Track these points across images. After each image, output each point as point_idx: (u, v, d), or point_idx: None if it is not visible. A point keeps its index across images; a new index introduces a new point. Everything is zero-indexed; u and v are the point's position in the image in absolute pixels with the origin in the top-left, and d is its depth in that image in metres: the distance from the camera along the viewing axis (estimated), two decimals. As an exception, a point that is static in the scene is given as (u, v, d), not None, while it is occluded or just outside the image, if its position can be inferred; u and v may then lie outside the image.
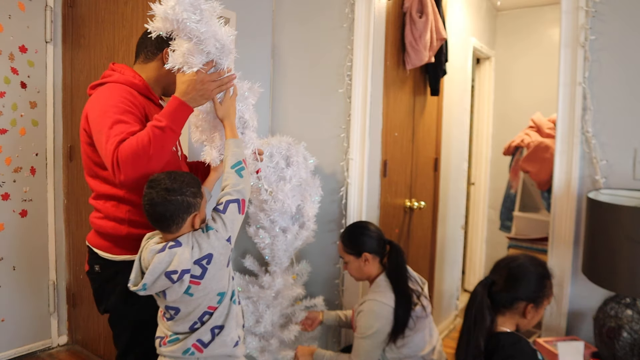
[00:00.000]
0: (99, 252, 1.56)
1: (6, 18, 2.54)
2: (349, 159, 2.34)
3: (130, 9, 2.31)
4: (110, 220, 1.52)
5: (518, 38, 4.04)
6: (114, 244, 1.53)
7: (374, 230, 1.95)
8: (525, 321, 1.46)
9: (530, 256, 1.51)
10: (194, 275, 1.31)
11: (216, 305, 1.40)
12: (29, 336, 2.75)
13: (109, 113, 1.38)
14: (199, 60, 1.38)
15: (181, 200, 1.30)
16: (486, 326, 1.43)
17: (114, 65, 1.61)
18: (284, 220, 2.05)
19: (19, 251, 2.68)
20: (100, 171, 1.52)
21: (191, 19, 1.32)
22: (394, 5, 2.51)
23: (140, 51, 1.62)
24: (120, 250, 1.53)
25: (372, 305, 1.83)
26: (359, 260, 1.92)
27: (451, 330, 3.44)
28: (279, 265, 2.12)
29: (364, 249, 1.91)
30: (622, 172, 1.78)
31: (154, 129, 1.34)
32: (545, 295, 1.46)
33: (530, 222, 3.42)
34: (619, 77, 1.78)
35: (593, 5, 1.81)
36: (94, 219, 1.58)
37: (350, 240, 1.94)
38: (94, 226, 1.58)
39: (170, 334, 1.41)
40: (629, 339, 1.56)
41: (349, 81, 2.34)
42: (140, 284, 1.29)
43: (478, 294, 1.46)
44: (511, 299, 1.45)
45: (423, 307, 1.86)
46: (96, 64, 2.56)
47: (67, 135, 2.80)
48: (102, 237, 1.56)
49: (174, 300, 1.35)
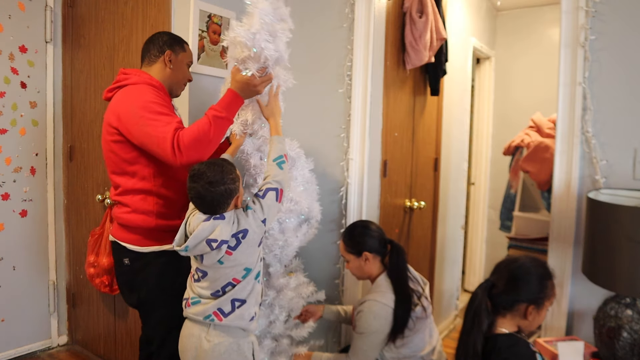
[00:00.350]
0: (128, 245, 1.65)
1: (6, 18, 2.54)
2: (349, 159, 2.34)
3: (130, 9, 2.31)
4: (139, 214, 1.62)
5: (518, 38, 4.03)
6: (143, 236, 1.64)
7: (375, 230, 1.95)
8: (527, 323, 1.44)
9: (531, 257, 1.50)
10: (229, 246, 1.45)
11: (240, 279, 1.51)
12: (29, 336, 2.75)
13: (149, 107, 1.52)
14: (256, 67, 1.55)
15: (224, 189, 1.43)
16: (483, 329, 1.42)
17: (126, 70, 1.69)
18: (291, 221, 2.05)
19: (19, 251, 2.68)
20: (128, 167, 1.62)
21: (268, 48, 1.50)
22: (394, 5, 2.51)
23: (145, 55, 1.72)
24: (149, 241, 1.64)
25: (372, 306, 1.83)
26: (360, 259, 1.92)
27: (451, 330, 3.44)
28: (282, 265, 2.12)
29: (365, 248, 1.91)
30: (622, 172, 1.78)
31: (214, 117, 1.51)
32: (546, 296, 1.44)
33: (530, 222, 3.42)
34: (619, 77, 1.78)
35: (593, 5, 1.80)
36: (122, 214, 1.66)
37: (350, 239, 1.94)
38: (122, 221, 1.66)
39: (193, 296, 1.53)
40: (629, 339, 1.56)
41: (349, 81, 2.34)
42: (184, 246, 1.44)
43: (477, 297, 1.45)
44: (511, 300, 1.43)
45: (423, 307, 1.86)
46: (96, 64, 2.56)
47: (67, 135, 2.80)
48: (130, 231, 1.65)
49: (207, 265, 1.48)
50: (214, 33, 2.21)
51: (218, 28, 2.23)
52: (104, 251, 2.37)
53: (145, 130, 1.50)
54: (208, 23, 2.18)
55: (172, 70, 1.72)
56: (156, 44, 1.70)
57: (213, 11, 2.19)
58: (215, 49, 2.22)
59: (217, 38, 2.23)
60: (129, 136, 1.56)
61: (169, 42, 1.72)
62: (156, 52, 1.70)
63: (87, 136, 2.66)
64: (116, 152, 1.61)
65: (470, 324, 1.43)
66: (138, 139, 1.53)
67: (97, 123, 2.58)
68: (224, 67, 2.28)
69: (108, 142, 1.62)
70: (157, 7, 2.15)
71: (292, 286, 2.09)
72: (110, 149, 1.63)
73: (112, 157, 1.64)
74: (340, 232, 2.39)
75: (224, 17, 2.25)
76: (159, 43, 1.70)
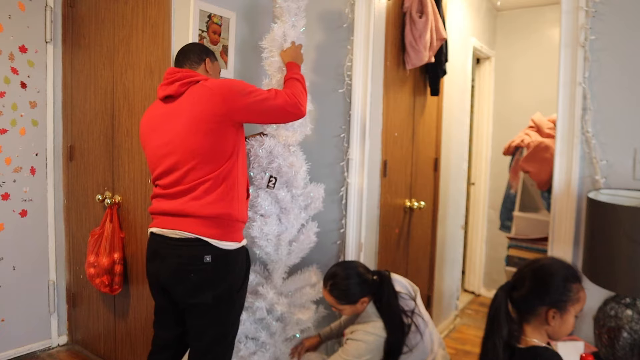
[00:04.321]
0: (211, 240, 1.67)
1: (6, 18, 2.54)
2: (349, 159, 2.34)
3: (130, 9, 2.31)
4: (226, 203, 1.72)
5: (518, 38, 4.03)
6: (226, 230, 1.72)
7: (361, 273, 1.91)
8: (551, 329, 1.33)
9: (555, 258, 1.42)
10: None
11: None
12: (29, 336, 2.75)
13: (245, 85, 1.70)
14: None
15: None
16: (503, 334, 1.32)
17: (177, 69, 1.76)
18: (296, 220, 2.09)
19: (19, 251, 2.68)
20: (219, 156, 1.69)
21: (299, 37, 2.06)
22: (394, 5, 2.51)
23: (184, 62, 1.80)
24: (232, 236, 1.73)
25: (364, 336, 1.84)
26: (356, 306, 1.91)
27: (451, 330, 3.44)
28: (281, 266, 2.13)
29: (360, 297, 1.89)
30: (622, 172, 1.78)
31: (300, 80, 1.91)
32: (569, 300, 1.31)
33: (530, 222, 3.42)
34: (619, 77, 1.78)
35: (593, 5, 1.80)
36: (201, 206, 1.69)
37: (342, 293, 1.90)
38: (202, 213, 1.67)
39: None
40: (629, 339, 1.56)
41: (349, 81, 2.34)
42: None
43: (497, 299, 1.36)
44: (531, 303, 1.33)
45: (417, 326, 1.86)
46: (96, 64, 2.56)
47: (67, 135, 2.80)
48: (212, 225, 1.70)
49: None
50: (214, 33, 2.21)
51: (218, 28, 2.23)
52: (104, 251, 2.38)
53: (255, 100, 1.67)
54: (208, 23, 2.18)
55: (212, 76, 1.83)
56: (195, 52, 1.81)
57: (213, 11, 2.19)
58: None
59: (217, 38, 2.23)
60: (241, 115, 1.68)
61: (206, 50, 1.85)
62: (196, 58, 1.80)
63: (87, 136, 2.66)
64: (213, 142, 1.65)
65: (490, 328, 1.35)
66: (255, 112, 1.69)
67: (97, 123, 2.58)
68: (224, 66, 2.28)
69: (202, 131, 1.63)
70: (157, 7, 2.15)
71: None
72: (203, 138, 1.64)
73: (205, 146, 1.65)
74: (340, 233, 2.39)
75: (224, 17, 2.25)
76: (197, 51, 1.81)
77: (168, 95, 1.71)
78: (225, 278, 1.69)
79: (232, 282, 1.73)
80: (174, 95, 1.70)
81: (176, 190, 1.67)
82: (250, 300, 2.08)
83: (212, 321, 1.71)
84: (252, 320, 2.09)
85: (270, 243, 2.02)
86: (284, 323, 2.12)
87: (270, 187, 1.98)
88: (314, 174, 2.39)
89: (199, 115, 1.63)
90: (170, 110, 1.70)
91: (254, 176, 2.03)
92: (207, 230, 1.64)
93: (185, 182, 1.66)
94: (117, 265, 2.38)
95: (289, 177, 2.00)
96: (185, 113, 1.66)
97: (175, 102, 1.70)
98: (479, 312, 3.84)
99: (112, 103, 2.46)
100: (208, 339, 1.72)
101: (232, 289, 1.73)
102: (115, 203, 2.43)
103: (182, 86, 1.69)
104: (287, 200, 2.01)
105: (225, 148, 1.67)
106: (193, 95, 1.67)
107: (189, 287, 1.67)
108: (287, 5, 2.00)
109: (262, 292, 2.05)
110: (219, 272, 1.68)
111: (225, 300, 1.71)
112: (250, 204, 2.02)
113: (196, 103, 1.65)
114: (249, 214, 2.02)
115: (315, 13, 2.43)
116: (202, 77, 1.71)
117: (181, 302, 1.73)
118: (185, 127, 1.65)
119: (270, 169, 1.99)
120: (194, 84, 1.69)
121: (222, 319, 1.73)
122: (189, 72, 1.71)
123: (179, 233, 1.65)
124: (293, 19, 2.02)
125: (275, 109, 1.72)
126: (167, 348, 1.84)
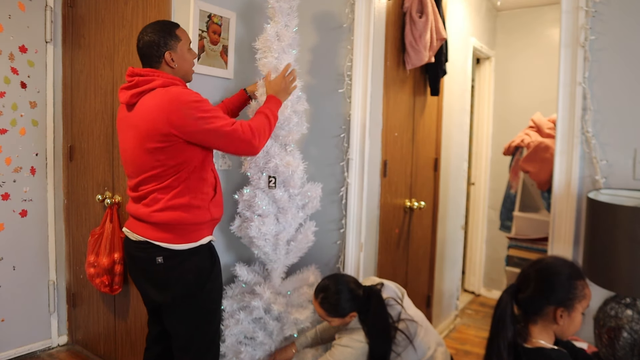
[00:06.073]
0: (162, 244, 1.68)
1: (6, 18, 2.54)
2: (349, 159, 2.34)
3: (130, 9, 2.31)
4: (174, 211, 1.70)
5: (518, 38, 4.03)
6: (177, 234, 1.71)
7: (352, 289, 1.91)
8: (559, 328, 1.33)
9: (558, 256, 1.42)
10: None
11: None
12: (29, 336, 2.75)
13: (201, 107, 1.59)
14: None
15: None
16: (508, 336, 1.32)
17: (138, 70, 1.68)
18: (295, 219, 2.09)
19: (19, 251, 2.68)
20: (168, 172, 1.65)
21: (291, 55, 2.06)
22: (394, 5, 2.51)
23: (146, 61, 1.71)
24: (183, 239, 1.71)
25: (350, 342, 1.86)
26: (345, 319, 1.92)
27: (451, 330, 3.44)
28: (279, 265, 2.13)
29: (350, 311, 1.90)
30: (622, 172, 1.78)
31: (269, 116, 1.79)
32: (576, 298, 1.31)
33: (530, 222, 3.42)
34: (619, 77, 1.78)
35: (593, 5, 1.80)
36: (153, 212, 1.68)
37: (335, 309, 1.90)
38: (154, 219, 1.67)
39: None
40: (629, 339, 1.56)
41: (349, 81, 2.34)
42: None
43: (502, 302, 1.35)
44: (538, 303, 1.32)
45: (403, 332, 1.86)
46: (96, 64, 2.56)
47: (67, 135, 2.80)
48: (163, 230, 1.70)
49: None
50: (214, 33, 2.21)
51: (218, 28, 2.23)
52: (104, 251, 2.38)
53: (208, 128, 1.59)
54: (208, 23, 2.18)
55: (179, 65, 1.72)
56: (152, 47, 1.66)
57: (213, 11, 2.19)
58: (215, 49, 2.22)
59: (217, 38, 2.23)
60: (191, 138, 1.59)
61: (162, 41, 1.66)
62: (155, 57, 1.68)
63: (87, 136, 2.66)
64: (159, 159, 1.61)
65: (494, 330, 1.35)
66: (204, 139, 1.61)
67: (97, 123, 2.58)
68: (224, 66, 2.28)
69: (147, 149, 1.60)
70: (157, 7, 2.15)
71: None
72: (148, 155, 1.61)
73: (150, 163, 1.63)
74: (340, 233, 2.39)
75: (224, 17, 2.25)
76: (154, 46, 1.66)
77: (130, 104, 1.68)
78: (179, 278, 1.69)
79: (191, 281, 1.71)
80: (129, 104, 1.68)
81: (134, 195, 1.73)
82: (247, 300, 2.09)
83: (181, 320, 1.73)
84: (250, 319, 2.09)
85: (269, 243, 2.03)
86: (282, 323, 2.12)
87: (272, 187, 1.98)
88: (313, 174, 2.39)
89: (144, 133, 1.60)
90: (128, 119, 1.69)
91: (251, 176, 2.03)
92: (157, 235, 1.67)
93: (139, 190, 1.70)
94: (117, 265, 2.38)
95: (286, 177, 2.00)
96: (134, 128, 1.64)
97: (131, 112, 1.68)
98: (479, 312, 3.84)
99: (112, 103, 2.46)
100: (183, 337, 1.74)
101: (191, 287, 1.71)
102: (115, 203, 2.44)
103: (133, 97, 1.65)
104: (284, 199, 2.01)
105: (178, 161, 1.63)
106: (143, 108, 1.62)
107: (150, 287, 1.73)
108: (279, 6, 2.00)
109: (259, 291, 2.06)
110: (173, 272, 1.68)
111: (186, 299, 1.71)
112: (248, 204, 2.02)
113: (143, 120, 1.61)
114: (247, 214, 2.03)
115: (314, 13, 2.44)
116: (159, 81, 1.63)
117: (151, 300, 1.79)
118: (133, 142, 1.65)
119: (267, 169, 1.99)
120: (147, 93, 1.63)
121: (190, 318, 1.74)
122: (146, 78, 1.64)
123: (136, 236, 1.70)
124: (285, 19, 2.01)
125: (226, 139, 1.63)
126: (156, 343, 1.87)
